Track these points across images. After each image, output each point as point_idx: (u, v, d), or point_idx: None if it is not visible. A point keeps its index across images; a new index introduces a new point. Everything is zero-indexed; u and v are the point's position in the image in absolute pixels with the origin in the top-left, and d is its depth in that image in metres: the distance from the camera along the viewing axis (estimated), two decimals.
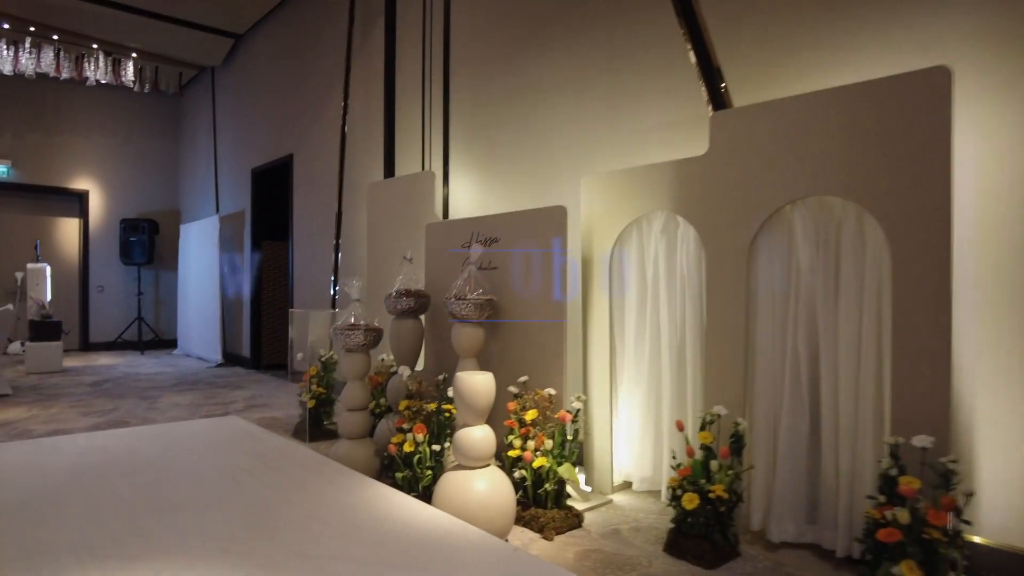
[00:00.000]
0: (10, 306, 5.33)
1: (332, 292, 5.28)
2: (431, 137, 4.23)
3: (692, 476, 2.19)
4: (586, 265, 2.83)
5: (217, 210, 7.65)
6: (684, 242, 2.58)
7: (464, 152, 4.00)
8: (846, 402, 2.12)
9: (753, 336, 2.34)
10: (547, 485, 2.39)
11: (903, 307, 1.92)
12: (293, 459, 2.57)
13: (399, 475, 2.55)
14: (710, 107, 2.69)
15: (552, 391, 2.50)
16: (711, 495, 2.11)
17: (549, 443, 2.39)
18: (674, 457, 2.34)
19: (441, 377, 2.75)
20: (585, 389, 2.82)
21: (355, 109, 5.15)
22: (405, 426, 2.59)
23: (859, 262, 2.12)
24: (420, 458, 2.52)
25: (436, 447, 2.51)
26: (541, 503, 2.42)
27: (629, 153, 3.06)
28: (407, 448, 2.51)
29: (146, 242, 8.42)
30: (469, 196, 3.95)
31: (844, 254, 2.15)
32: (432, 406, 2.57)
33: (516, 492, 2.37)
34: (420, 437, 2.50)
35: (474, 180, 3.92)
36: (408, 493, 2.55)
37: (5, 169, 7.90)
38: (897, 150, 1.95)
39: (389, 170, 4.53)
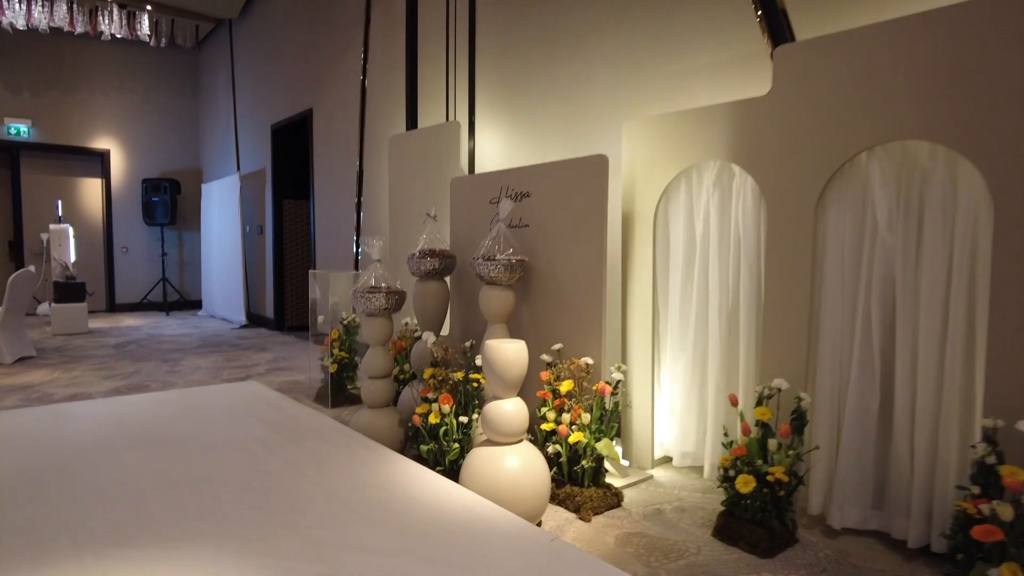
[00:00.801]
0: (31, 268, 5.26)
1: (355, 252, 5.10)
2: (456, 87, 3.95)
3: (748, 456, 1.97)
4: (627, 221, 2.58)
5: (238, 168, 7.48)
6: (740, 195, 2.31)
7: (491, 102, 3.72)
8: (926, 378, 1.86)
9: (819, 301, 2.08)
10: (584, 462, 2.20)
11: (1006, 269, 1.65)
12: (312, 429, 2.43)
13: (424, 448, 2.38)
14: (769, 43, 2.37)
15: (589, 360, 2.28)
16: (769, 478, 1.90)
17: (587, 417, 2.19)
18: (726, 434, 2.13)
19: (468, 344, 2.55)
20: (624, 357, 2.60)
21: (375, 58, 4.87)
22: (430, 396, 2.41)
23: (948, 217, 1.83)
24: (446, 430, 2.34)
25: (463, 419, 2.33)
26: (577, 481, 2.24)
27: (674, 98, 2.76)
28: (432, 420, 2.34)
29: (168, 202, 8.32)
30: (497, 149, 3.68)
31: (930, 208, 1.87)
32: (459, 375, 2.38)
33: (550, 469, 2.18)
34: (446, 408, 2.32)
35: (502, 132, 3.65)
36: (433, 468, 2.38)
37: (26, 128, 7.81)
38: (1007, 84, 1.65)
39: (412, 122, 4.27)
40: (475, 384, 2.35)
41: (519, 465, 1.98)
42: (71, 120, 8.12)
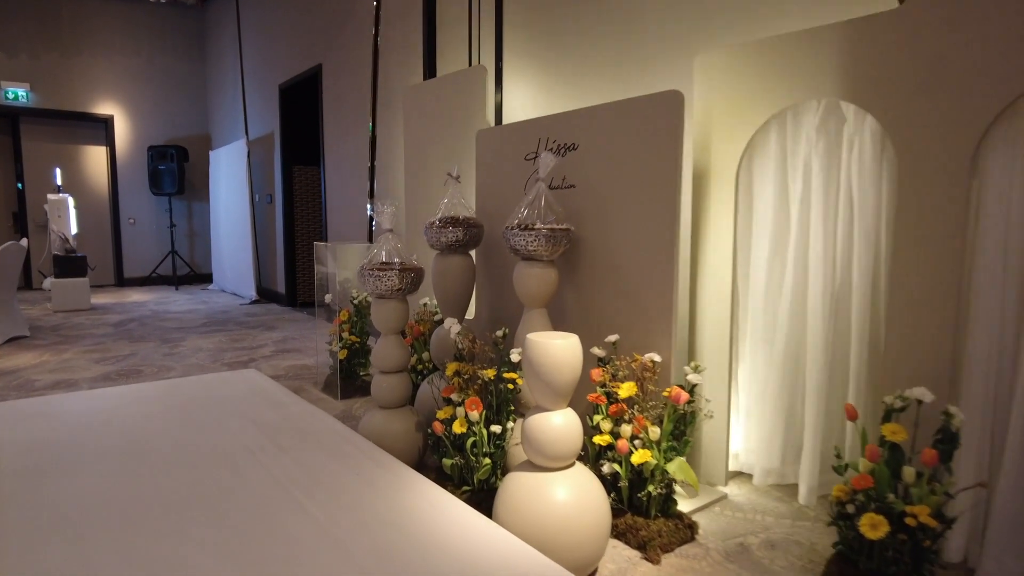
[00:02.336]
0: (24, 240, 4.88)
1: (369, 222, 4.63)
2: (480, 30, 3.41)
3: (876, 489, 1.49)
4: (700, 180, 2.06)
5: (246, 133, 7.01)
6: (855, 144, 1.78)
7: (522, 44, 3.18)
8: None
9: (969, 284, 1.56)
10: (651, 487, 1.73)
11: None
12: (313, 435, 2.00)
13: (447, 462, 1.93)
14: None
15: (656, 357, 1.79)
16: (908, 520, 1.41)
17: (655, 431, 1.71)
18: (838, 456, 1.64)
19: (500, 333, 2.08)
20: (692, 351, 2.10)
21: (389, 2, 4.33)
22: (454, 397, 1.95)
23: None
24: (475, 442, 1.89)
25: (496, 428, 1.87)
26: (641, 509, 1.77)
27: (751, 27, 2.21)
28: (457, 428, 1.88)
29: (175, 170, 7.91)
30: (529, 100, 3.15)
31: None
32: (489, 373, 1.91)
33: (607, 493, 1.72)
34: (475, 415, 1.86)
35: (535, 79, 3.11)
36: (458, 489, 1.94)
37: (24, 93, 7.40)
38: None
39: (430, 71, 3.74)
40: (510, 385, 1.88)
41: (572, 499, 1.52)
42: (72, 84, 7.69)
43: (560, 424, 1.54)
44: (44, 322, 5.31)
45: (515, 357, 1.87)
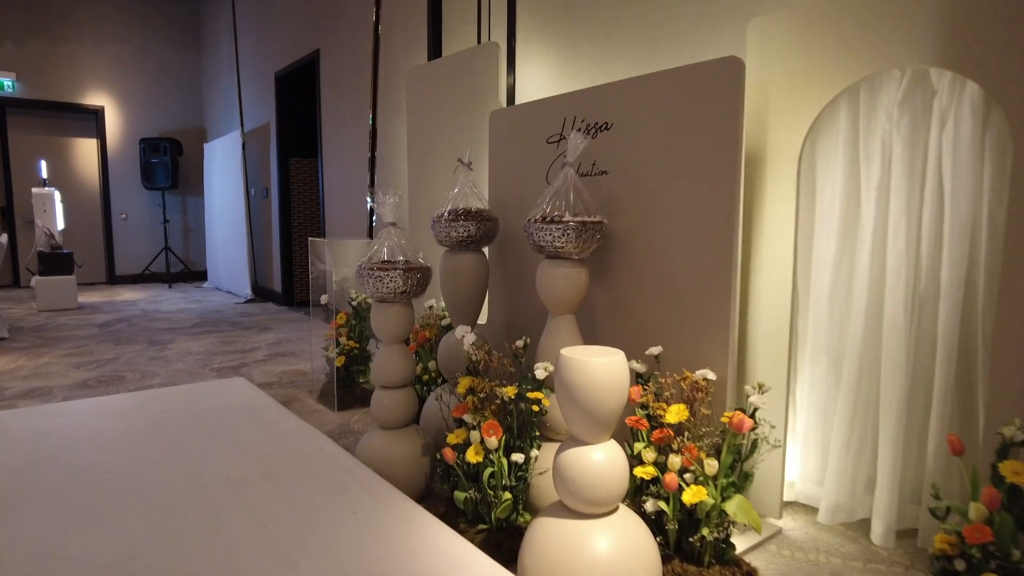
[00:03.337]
0: (3, 236, 4.61)
1: (369, 217, 4.35)
2: (491, 5, 3.12)
3: (997, 544, 1.20)
4: (754, 165, 1.77)
5: (241, 125, 6.71)
6: (948, 121, 1.49)
7: (537, 21, 2.89)
8: None
9: None
10: (705, 531, 1.45)
11: None
12: (305, 461, 1.74)
13: (460, 496, 1.65)
14: None
15: (710, 375, 1.51)
16: None
17: (712, 465, 1.43)
18: (936, 496, 1.35)
19: (521, 343, 1.79)
20: (743, 366, 1.82)
21: None
22: (468, 419, 1.68)
23: None
24: (493, 472, 1.61)
25: (518, 457, 1.59)
26: (692, 555, 1.49)
27: None
28: (472, 457, 1.60)
29: (168, 164, 7.62)
30: (545, 82, 2.86)
31: None
32: (510, 391, 1.63)
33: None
34: (492, 442, 1.58)
35: (552, 59, 2.82)
36: (473, 527, 1.66)
37: (10, 83, 7.10)
38: None
39: (435, 51, 3.45)
40: (535, 407, 1.60)
41: (617, 552, 1.24)
42: (60, 73, 7.39)
43: (601, 461, 1.26)
44: (26, 322, 5.03)
45: (540, 373, 1.59)
